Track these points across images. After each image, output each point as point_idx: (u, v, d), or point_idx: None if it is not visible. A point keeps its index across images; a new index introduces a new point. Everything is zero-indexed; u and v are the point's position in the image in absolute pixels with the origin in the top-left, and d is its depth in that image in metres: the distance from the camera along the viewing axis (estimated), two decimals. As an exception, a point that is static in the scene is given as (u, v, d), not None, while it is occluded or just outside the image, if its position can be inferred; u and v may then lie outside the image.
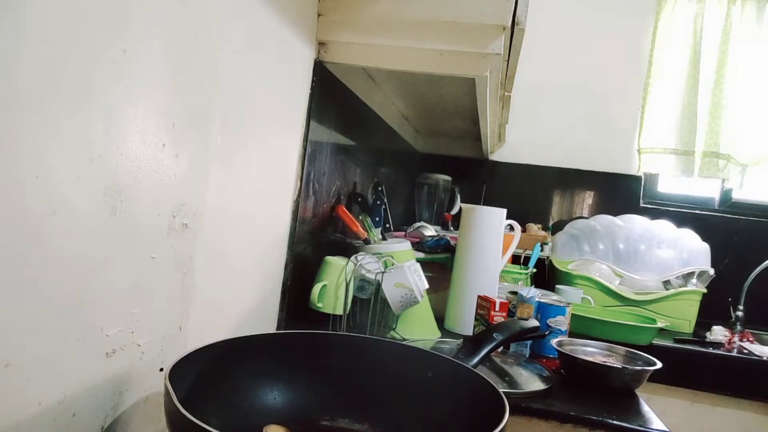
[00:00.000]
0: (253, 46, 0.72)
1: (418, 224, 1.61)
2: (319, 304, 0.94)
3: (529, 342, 1.04)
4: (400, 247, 1.09)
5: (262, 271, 0.86)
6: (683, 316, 1.70)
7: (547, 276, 1.86)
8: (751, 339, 1.71)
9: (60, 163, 0.42)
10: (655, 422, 0.82)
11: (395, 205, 1.78)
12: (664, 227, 1.82)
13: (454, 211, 2.08)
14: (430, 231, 1.56)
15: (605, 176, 2.16)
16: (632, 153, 2.13)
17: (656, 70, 2.08)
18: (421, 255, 1.30)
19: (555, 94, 2.17)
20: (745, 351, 1.59)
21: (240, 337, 0.59)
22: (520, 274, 1.54)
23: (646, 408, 0.89)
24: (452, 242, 1.34)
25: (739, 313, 1.79)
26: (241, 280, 0.79)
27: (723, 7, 2.00)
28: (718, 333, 1.68)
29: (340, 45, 0.93)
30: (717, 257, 1.75)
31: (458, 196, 2.13)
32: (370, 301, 0.96)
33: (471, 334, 1.11)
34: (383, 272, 0.94)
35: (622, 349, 1.04)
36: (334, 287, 0.95)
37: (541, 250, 1.74)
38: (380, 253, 1.02)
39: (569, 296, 1.51)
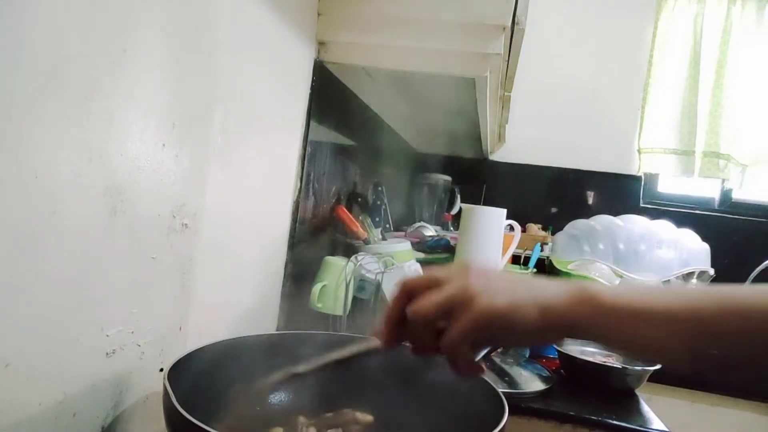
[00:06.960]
0: (253, 46, 0.72)
1: (418, 224, 1.61)
2: (319, 305, 0.94)
3: (529, 342, 1.04)
4: (400, 247, 1.09)
5: (262, 271, 0.86)
6: (683, 316, 1.69)
7: (547, 276, 1.86)
8: (751, 339, 1.70)
9: (60, 163, 0.42)
10: (655, 422, 0.82)
11: (395, 205, 1.78)
12: (664, 227, 1.82)
13: (454, 211, 2.07)
14: (430, 231, 1.56)
15: (605, 176, 2.16)
16: (632, 153, 2.13)
17: (656, 70, 2.07)
18: (421, 255, 1.30)
19: (555, 94, 2.17)
20: (745, 351, 1.59)
21: (240, 337, 0.59)
22: (520, 274, 1.54)
23: (646, 408, 0.89)
24: (452, 242, 1.34)
25: (739, 313, 1.78)
26: (241, 280, 0.79)
27: (723, 7, 2.00)
28: (718, 333, 1.67)
29: (339, 45, 0.92)
30: (717, 257, 1.75)
31: (458, 196, 2.12)
32: (370, 301, 0.96)
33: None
34: (383, 272, 0.94)
35: (622, 349, 1.04)
36: (334, 287, 0.95)
37: (541, 250, 1.74)
38: (380, 253, 1.02)
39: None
